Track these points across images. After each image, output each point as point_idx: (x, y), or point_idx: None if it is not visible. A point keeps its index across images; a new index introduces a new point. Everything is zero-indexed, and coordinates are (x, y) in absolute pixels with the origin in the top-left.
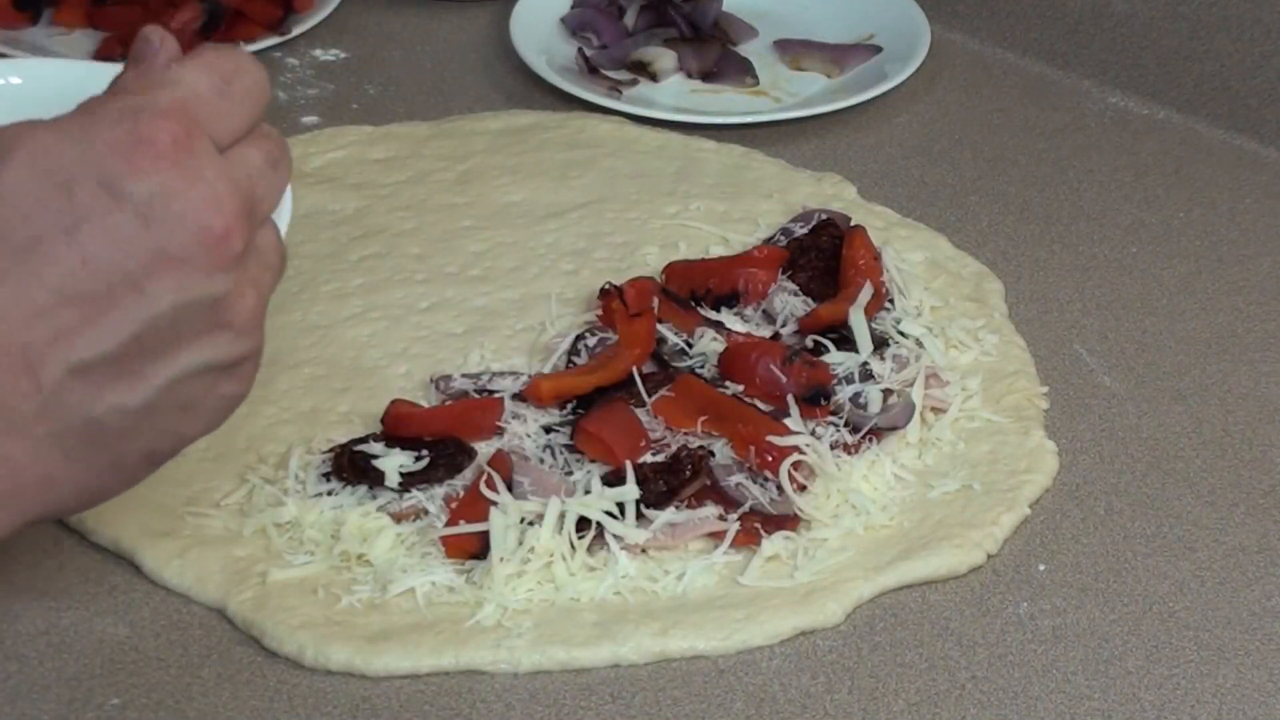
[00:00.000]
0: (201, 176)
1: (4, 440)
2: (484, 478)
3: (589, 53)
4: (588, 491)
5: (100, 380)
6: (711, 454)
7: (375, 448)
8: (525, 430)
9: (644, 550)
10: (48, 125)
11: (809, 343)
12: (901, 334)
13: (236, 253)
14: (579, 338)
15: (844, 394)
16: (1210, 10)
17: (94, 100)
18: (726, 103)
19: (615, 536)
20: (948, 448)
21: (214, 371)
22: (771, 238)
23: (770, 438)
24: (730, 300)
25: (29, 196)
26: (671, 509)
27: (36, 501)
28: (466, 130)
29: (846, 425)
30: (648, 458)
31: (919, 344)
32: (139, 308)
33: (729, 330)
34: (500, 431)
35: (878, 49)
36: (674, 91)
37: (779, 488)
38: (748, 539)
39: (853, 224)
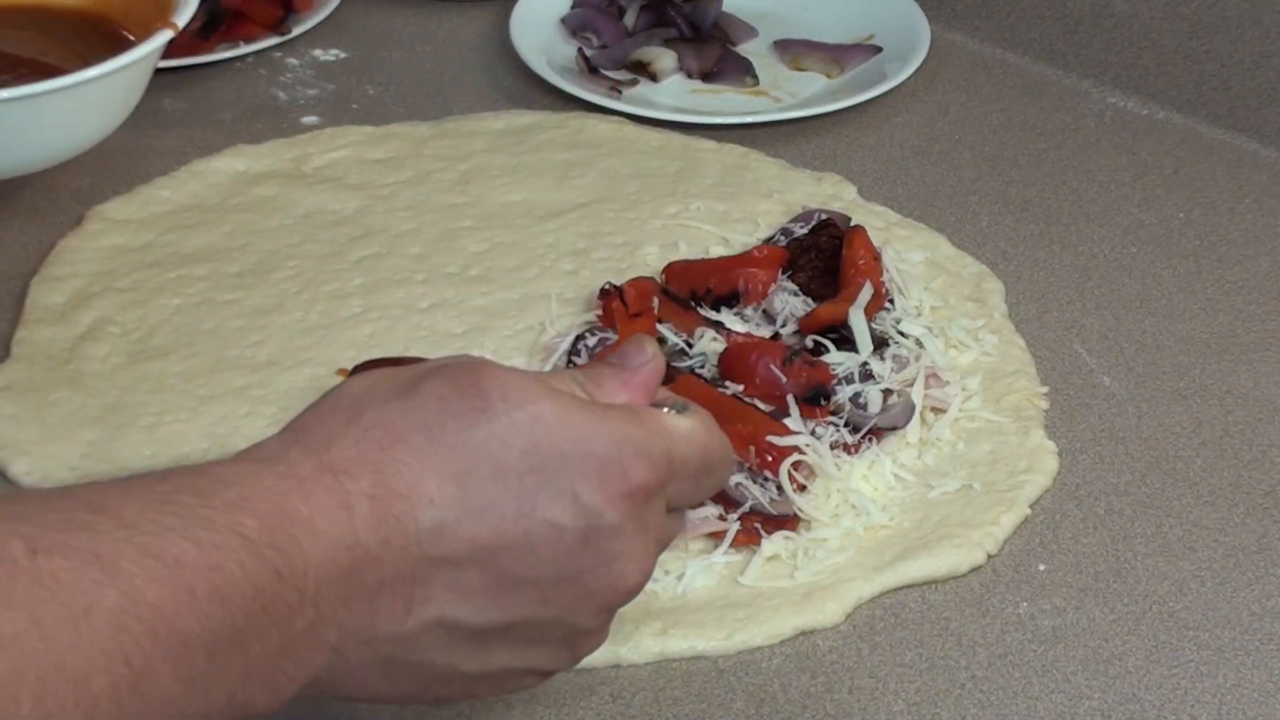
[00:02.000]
0: (645, 532)
1: (349, 643)
2: None
3: (589, 53)
4: None
5: (458, 640)
6: None
7: None
8: None
9: None
10: (554, 403)
11: (809, 343)
12: (901, 334)
13: (620, 607)
14: (579, 338)
15: (844, 394)
16: (1210, 10)
17: (607, 408)
18: (726, 103)
19: None
20: (948, 448)
21: (536, 672)
22: (771, 238)
23: (770, 438)
24: (730, 300)
25: (510, 458)
26: None
27: (337, 689)
28: (466, 130)
29: (846, 425)
30: None
31: (919, 344)
32: (531, 607)
33: (729, 330)
34: None
35: (878, 49)
36: (674, 91)
37: (779, 488)
38: (748, 539)
39: (853, 224)
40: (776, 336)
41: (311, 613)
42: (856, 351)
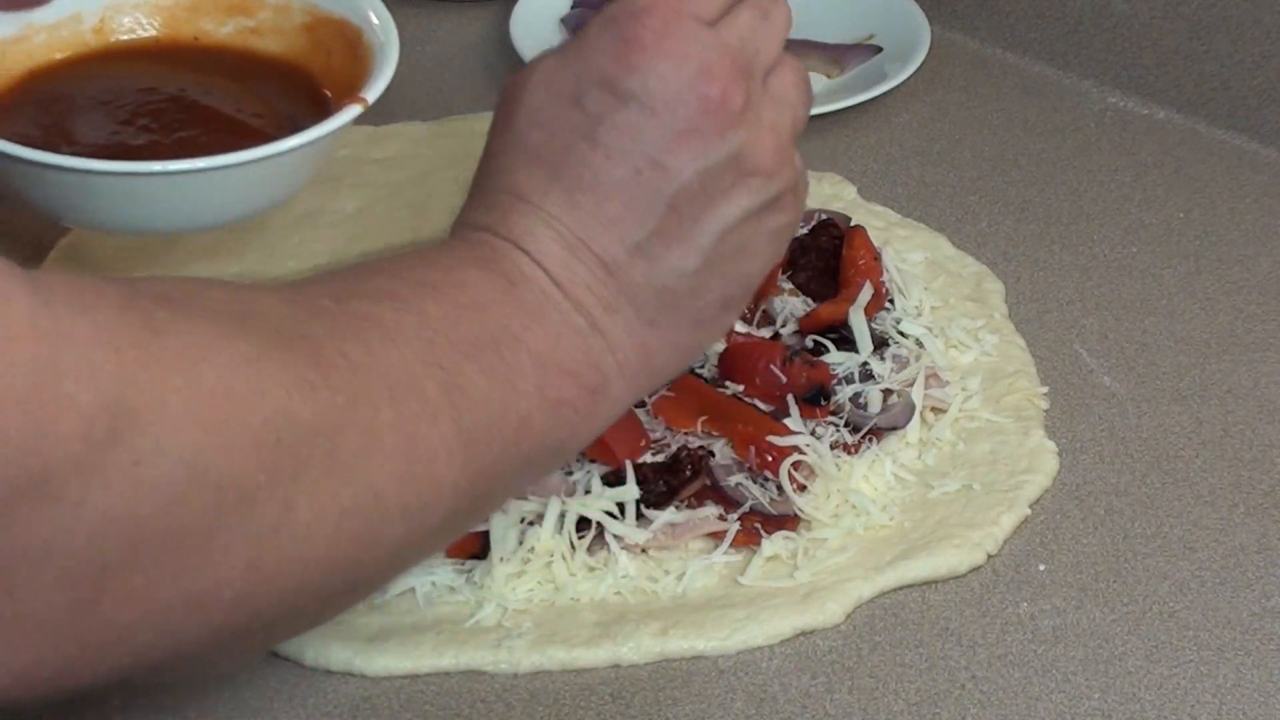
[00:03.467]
0: (687, 54)
1: (603, 319)
2: None
3: None
4: (588, 491)
5: (655, 253)
6: (711, 454)
7: None
8: None
9: (644, 550)
10: (552, 53)
11: (809, 343)
12: (901, 334)
13: (738, 109)
14: None
15: (844, 394)
16: (1210, 10)
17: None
18: None
19: (615, 536)
20: (948, 448)
21: (756, 214)
22: None
23: (770, 438)
24: None
25: (548, 113)
26: (671, 509)
27: (641, 370)
28: (466, 130)
29: (846, 425)
30: (648, 458)
31: (919, 344)
32: (666, 183)
33: (729, 330)
34: None
35: (878, 49)
36: None
37: (779, 488)
38: (748, 539)
39: (853, 224)
40: (776, 336)
41: (551, 307)
42: (856, 351)
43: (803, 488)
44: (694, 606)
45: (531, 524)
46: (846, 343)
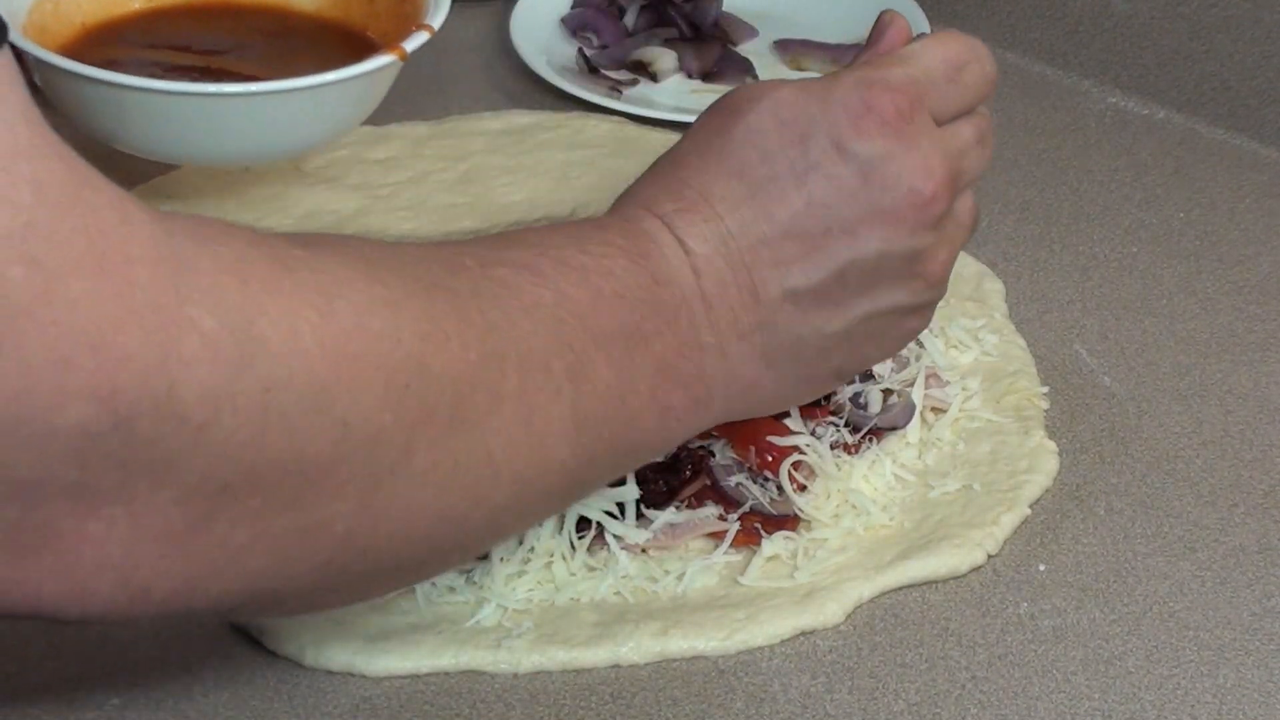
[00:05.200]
0: (917, 146)
1: (727, 339)
2: None
3: (589, 53)
4: None
5: (808, 306)
6: (711, 454)
7: None
8: None
9: (644, 550)
10: (792, 84)
11: None
12: None
13: (939, 214)
14: None
15: (844, 394)
16: (1210, 10)
17: (840, 71)
18: None
19: (615, 536)
20: (948, 448)
21: (902, 311)
22: None
23: (770, 438)
24: None
25: (770, 140)
26: (671, 509)
27: (740, 399)
28: (466, 130)
29: (846, 425)
30: None
31: (919, 344)
32: (849, 250)
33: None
34: None
35: None
36: (674, 91)
37: (779, 488)
38: (748, 539)
39: None
40: None
41: (686, 315)
42: None
43: (803, 488)
44: (694, 606)
45: None
46: None
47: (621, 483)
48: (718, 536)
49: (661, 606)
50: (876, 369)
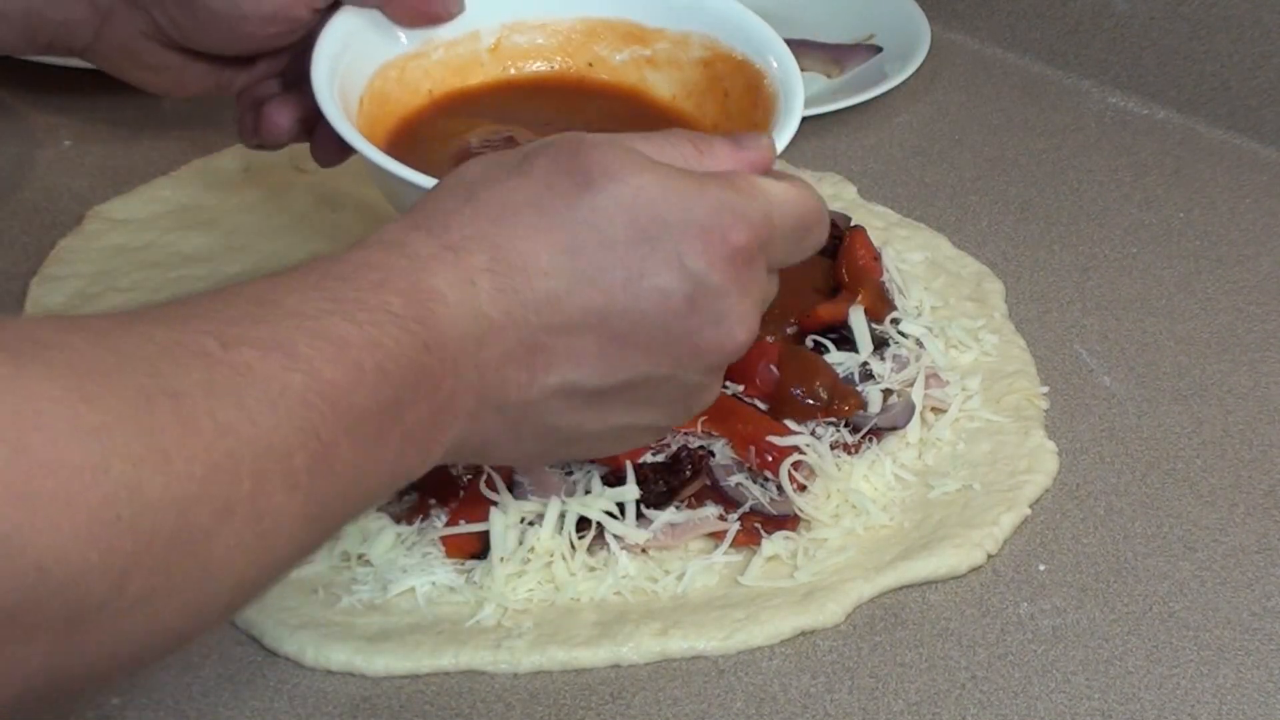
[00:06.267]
0: (748, 293)
1: (484, 410)
2: (484, 478)
3: None
4: (588, 491)
5: (578, 404)
6: (711, 454)
7: None
8: None
9: (644, 550)
10: (655, 176)
11: (809, 343)
12: (901, 334)
13: (728, 364)
14: None
15: None
16: (1210, 10)
17: (704, 176)
18: None
19: (615, 536)
20: (948, 448)
21: (654, 430)
22: None
23: (770, 438)
24: None
25: (616, 231)
26: (671, 509)
27: (473, 454)
28: None
29: (846, 425)
30: (648, 458)
31: (919, 344)
32: (644, 365)
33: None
34: None
35: (878, 49)
36: None
37: (779, 488)
38: (748, 539)
39: (853, 224)
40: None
41: (452, 382)
42: (856, 351)
43: (803, 488)
44: (694, 606)
45: (531, 524)
46: (846, 343)
47: (622, 482)
48: (718, 536)
49: (661, 606)
50: (876, 369)
